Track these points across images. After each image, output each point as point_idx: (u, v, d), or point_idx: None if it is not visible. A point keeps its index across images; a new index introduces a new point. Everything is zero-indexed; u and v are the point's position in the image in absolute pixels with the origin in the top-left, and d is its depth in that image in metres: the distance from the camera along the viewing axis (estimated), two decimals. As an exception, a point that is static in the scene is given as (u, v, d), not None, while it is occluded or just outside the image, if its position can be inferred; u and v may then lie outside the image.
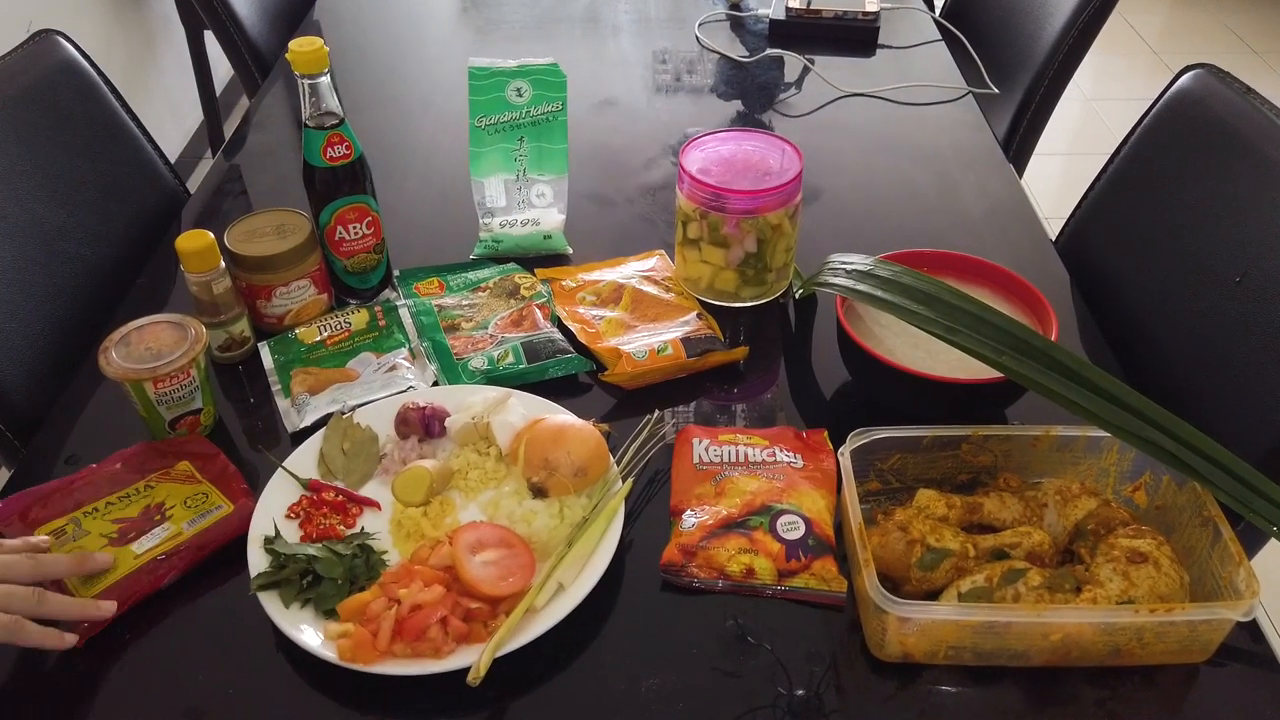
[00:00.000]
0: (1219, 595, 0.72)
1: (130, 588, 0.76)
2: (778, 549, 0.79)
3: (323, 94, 0.95)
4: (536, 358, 0.97)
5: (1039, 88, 1.54)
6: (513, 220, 1.14)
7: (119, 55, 2.50)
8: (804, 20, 1.63)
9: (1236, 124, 1.00)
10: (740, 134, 1.08)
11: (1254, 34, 3.72)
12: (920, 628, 0.70)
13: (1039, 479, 0.83)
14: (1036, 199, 2.76)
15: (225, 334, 0.97)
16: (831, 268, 0.95)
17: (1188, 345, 1.00)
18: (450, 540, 0.77)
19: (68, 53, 1.18)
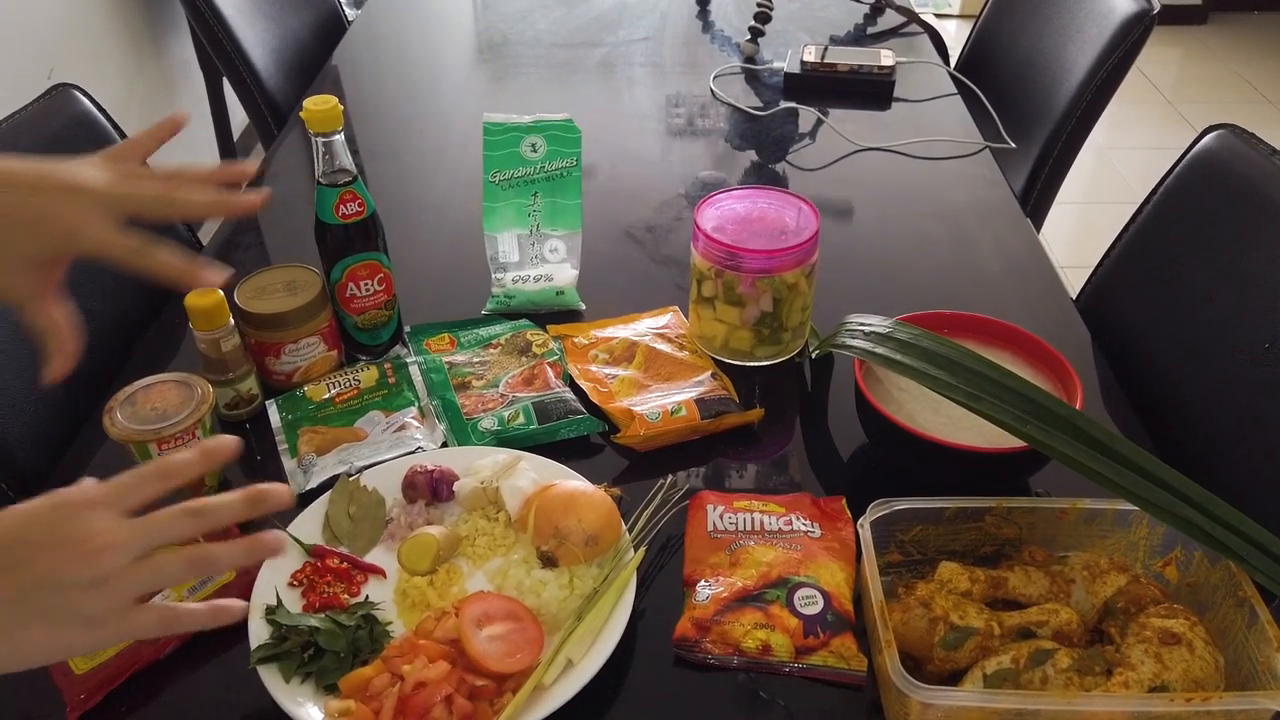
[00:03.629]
0: (1256, 680, 0.69)
1: (130, 659, 0.74)
2: (795, 624, 0.76)
3: (336, 151, 0.95)
4: (548, 418, 0.95)
5: (1056, 143, 1.54)
6: (525, 275, 1.13)
7: (139, 102, 2.53)
8: (819, 73, 1.63)
9: (1263, 186, 0.99)
10: (756, 192, 1.06)
11: (1268, 84, 3.72)
12: (945, 714, 0.67)
13: (1065, 552, 0.81)
14: (1051, 248, 2.75)
15: (233, 392, 0.96)
16: (849, 329, 0.93)
17: (1218, 411, 0.97)
18: (456, 612, 0.75)
19: (84, 106, 1.18)
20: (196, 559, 0.54)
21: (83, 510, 0.52)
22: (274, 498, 0.57)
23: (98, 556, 0.51)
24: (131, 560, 0.52)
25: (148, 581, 0.53)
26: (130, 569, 0.52)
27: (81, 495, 0.53)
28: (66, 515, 0.51)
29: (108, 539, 0.51)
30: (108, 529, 0.52)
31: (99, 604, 0.51)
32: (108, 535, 0.51)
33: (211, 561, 0.55)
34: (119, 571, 0.51)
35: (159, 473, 0.56)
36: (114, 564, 0.51)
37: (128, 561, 0.52)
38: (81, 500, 0.52)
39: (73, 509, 0.52)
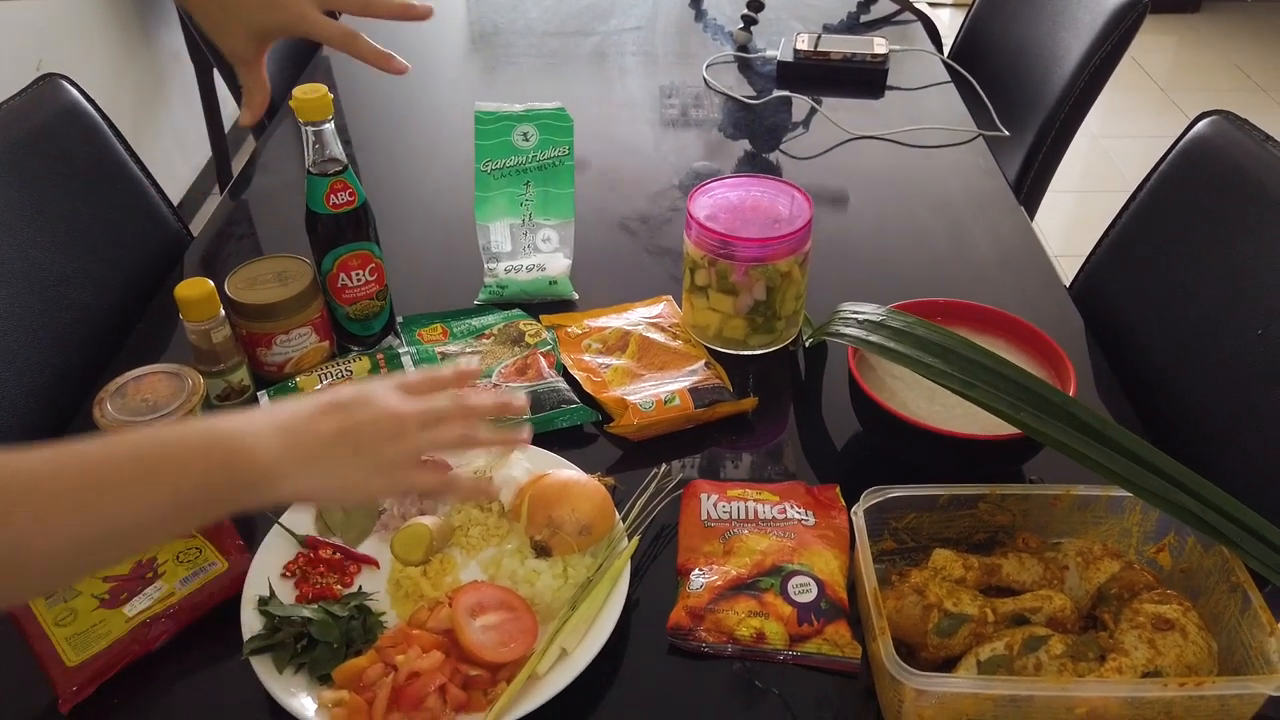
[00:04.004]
0: (1249, 665, 0.70)
1: (122, 652, 0.74)
2: (789, 612, 0.76)
3: (326, 141, 0.94)
4: (541, 408, 0.95)
5: (1050, 130, 1.53)
6: (518, 265, 1.13)
7: (128, 92, 2.52)
8: (812, 62, 1.62)
9: (1255, 172, 0.98)
10: (749, 180, 1.06)
11: (1261, 72, 3.72)
12: (939, 700, 0.67)
13: (1059, 539, 0.81)
14: (1045, 236, 2.75)
15: (224, 383, 0.95)
16: (843, 317, 0.93)
17: (1210, 397, 0.97)
18: (450, 602, 0.75)
19: (72, 96, 1.17)
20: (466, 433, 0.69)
21: (385, 390, 0.67)
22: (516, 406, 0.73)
23: (399, 418, 0.65)
24: (419, 427, 0.66)
25: (431, 441, 0.67)
26: (419, 432, 0.66)
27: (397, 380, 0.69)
28: (374, 390, 0.66)
29: (409, 406, 0.67)
30: (403, 400, 0.67)
31: (397, 454, 0.65)
32: (405, 405, 0.67)
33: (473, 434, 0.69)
34: (413, 431, 0.66)
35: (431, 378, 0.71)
36: (411, 425, 0.66)
37: (416, 427, 0.66)
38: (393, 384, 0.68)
39: (378, 387, 0.67)
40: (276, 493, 0.60)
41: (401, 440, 0.65)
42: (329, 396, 0.65)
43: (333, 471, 0.62)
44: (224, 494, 0.59)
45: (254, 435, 0.60)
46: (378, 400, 0.65)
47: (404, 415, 0.65)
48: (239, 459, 0.58)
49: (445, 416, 0.67)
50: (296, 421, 0.62)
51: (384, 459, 0.64)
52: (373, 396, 0.65)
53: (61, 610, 0.76)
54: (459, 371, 0.73)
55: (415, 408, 0.66)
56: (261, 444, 0.59)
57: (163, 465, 0.57)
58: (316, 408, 0.63)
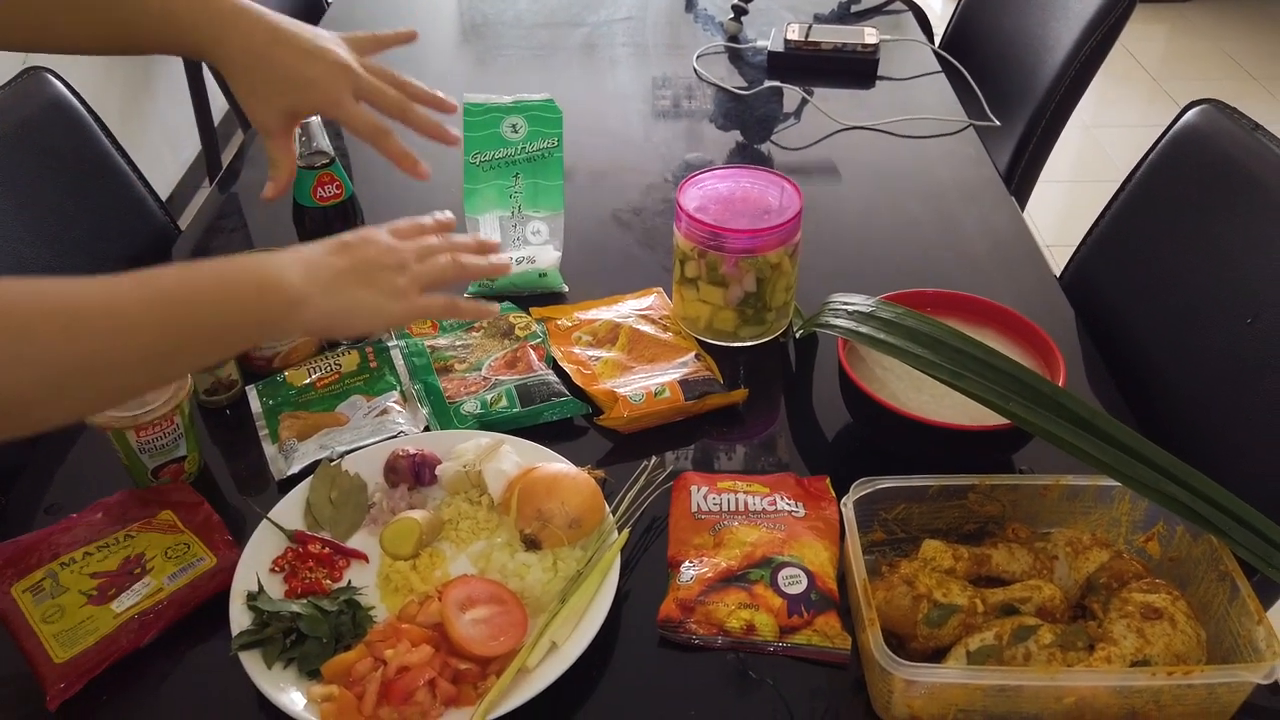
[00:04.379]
0: (1238, 654, 0.70)
1: (110, 648, 0.74)
2: (779, 604, 0.76)
3: (313, 133, 0.94)
4: (530, 401, 0.95)
5: (1041, 120, 1.53)
6: (508, 258, 1.12)
7: (117, 84, 2.50)
8: (803, 52, 1.62)
9: (1245, 161, 0.98)
10: (739, 171, 1.06)
11: (1253, 60, 3.72)
12: (928, 690, 0.67)
13: (1048, 529, 0.81)
14: (1036, 227, 2.75)
15: (212, 377, 0.95)
16: (832, 308, 0.93)
17: (1200, 387, 0.97)
18: (439, 596, 0.74)
19: (57, 90, 1.16)
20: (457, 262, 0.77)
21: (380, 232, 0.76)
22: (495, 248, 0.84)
23: (397, 251, 0.74)
24: (416, 260, 0.75)
25: (429, 272, 0.75)
26: (416, 264, 0.74)
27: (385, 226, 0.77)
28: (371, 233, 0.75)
29: (402, 244, 0.75)
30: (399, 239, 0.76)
31: (403, 282, 0.73)
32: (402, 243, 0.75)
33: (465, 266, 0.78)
34: (410, 263, 0.74)
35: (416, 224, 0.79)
36: (409, 258, 0.74)
37: (414, 259, 0.74)
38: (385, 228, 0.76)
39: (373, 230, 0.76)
40: (302, 318, 0.68)
41: (404, 270, 0.73)
42: (336, 240, 0.73)
43: (351, 298, 0.70)
44: (260, 316, 0.67)
45: (283, 267, 0.68)
46: (378, 239, 0.74)
47: (402, 249, 0.74)
48: (271, 288, 0.67)
49: (436, 250, 0.76)
50: (315, 257, 0.70)
51: (393, 286, 0.72)
52: (373, 236, 0.74)
53: (49, 607, 0.76)
54: (439, 220, 0.80)
55: (410, 244, 0.75)
56: (289, 275, 0.67)
57: (220, 292, 0.66)
58: (328, 247, 0.72)
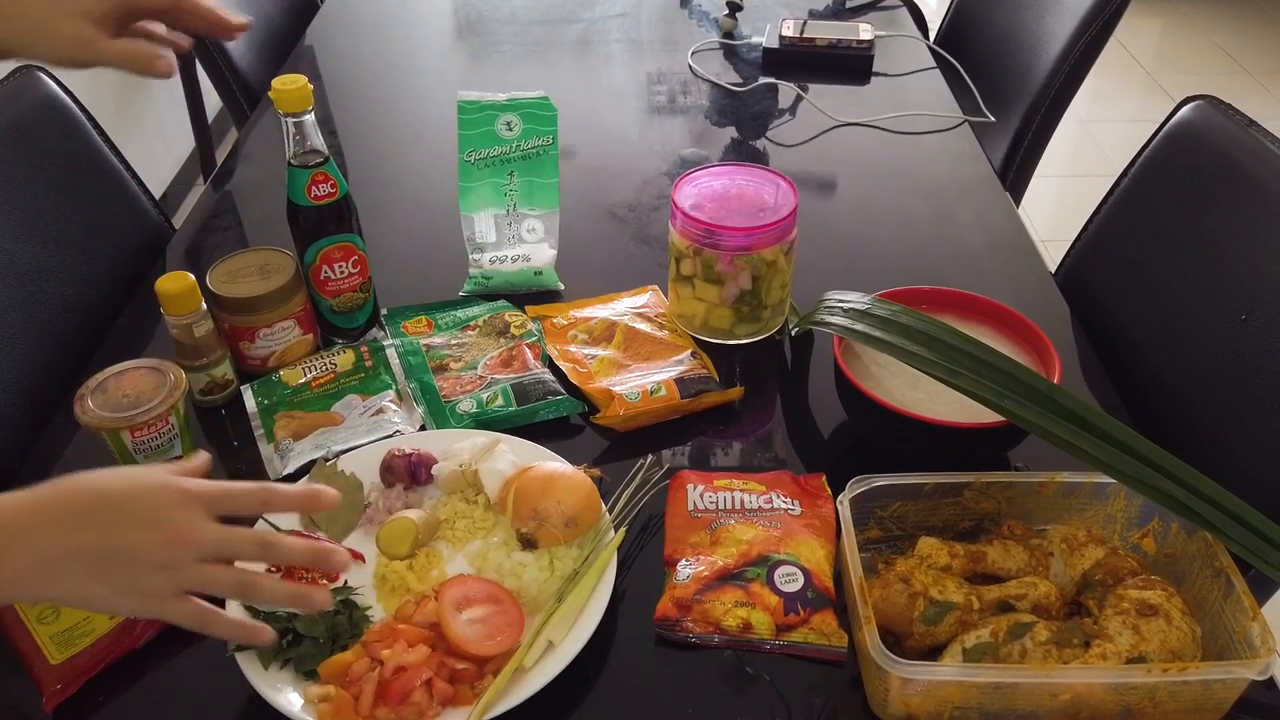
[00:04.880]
0: (1233, 650, 0.70)
1: (107, 649, 0.74)
2: (775, 602, 0.76)
3: (307, 132, 0.93)
4: (526, 400, 0.95)
5: (1035, 115, 1.53)
6: (503, 256, 1.12)
7: (109, 85, 2.49)
8: (798, 48, 1.62)
9: (1239, 157, 0.98)
10: (734, 168, 1.06)
11: (1246, 54, 3.73)
12: (924, 688, 0.67)
13: (1044, 526, 0.81)
14: (1031, 221, 2.75)
15: (207, 377, 0.95)
16: (828, 305, 0.93)
17: (1195, 384, 0.98)
18: (436, 596, 0.74)
19: (49, 89, 1.16)
20: (246, 582, 0.60)
21: (188, 503, 0.58)
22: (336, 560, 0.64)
23: (178, 546, 0.56)
24: (199, 559, 0.57)
25: (204, 582, 0.58)
26: (196, 566, 0.57)
27: (193, 488, 0.58)
28: (170, 500, 0.57)
29: (193, 535, 0.57)
30: (198, 526, 0.58)
31: (158, 584, 0.56)
32: (195, 533, 0.57)
33: (255, 586, 0.61)
34: (187, 564, 0.57)
35: (263, 498, 0.62)
36: (187, 557, 0.57)
37: (196, 559, 0.57)
38: (190, 493, 0.58)
39: (179, 497, 0.58)
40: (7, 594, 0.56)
41: (168, 573, 0.56)
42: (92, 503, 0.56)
43: (68, 588, 0.55)
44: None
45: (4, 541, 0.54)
46: (163, 520, 0.56)
47: (181, 545, 0.56)
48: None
49: (236, 545, 0.59)
50: (35, 524, 0.55)
51: (138, 586, 0.56)
52: (160, 513, 0.56)
53: (45, 608, 0.75)
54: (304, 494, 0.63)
55: (207, 536, 0.57)
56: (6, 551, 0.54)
57: None
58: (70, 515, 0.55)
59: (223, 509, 0.59)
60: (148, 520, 0.56)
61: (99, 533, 0.55)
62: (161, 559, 0.56)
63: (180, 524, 0.57)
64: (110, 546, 0.55)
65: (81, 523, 0.55)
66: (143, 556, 0.56)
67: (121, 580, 0.56)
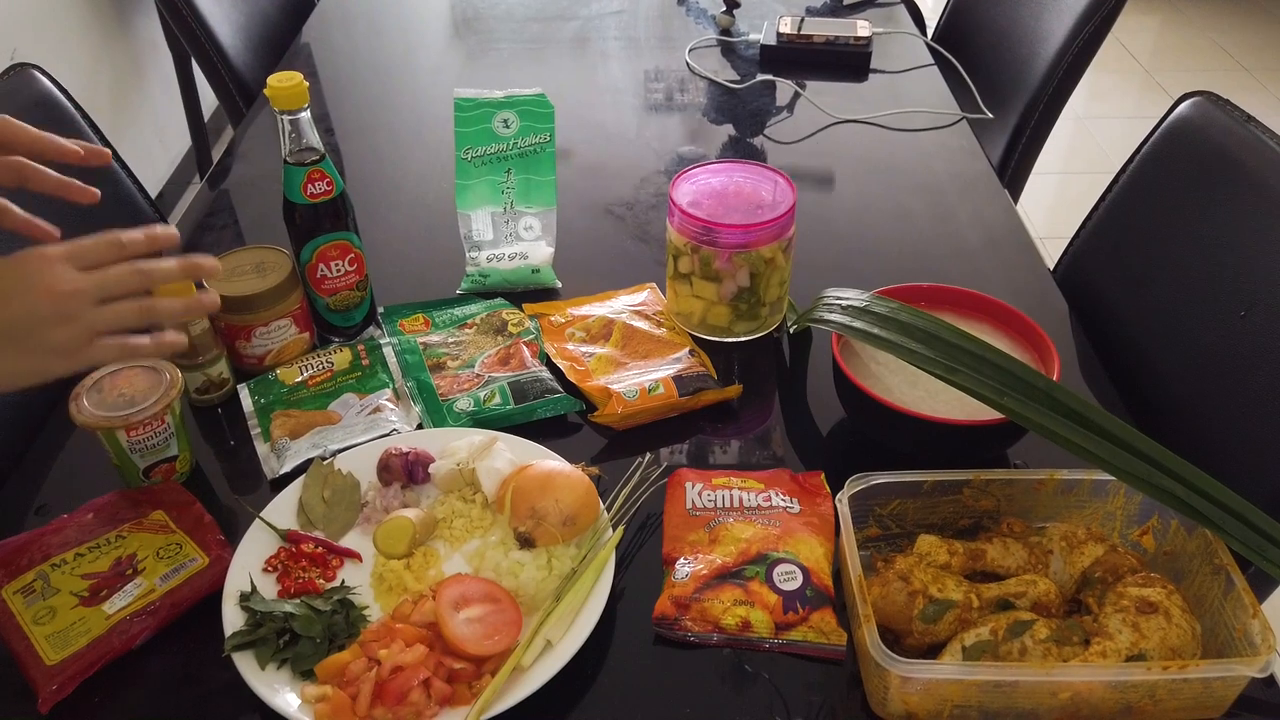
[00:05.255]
0: (1233, 648, 0.70)
1: (102, 650, 0.73)
2: (774, 600, 0.76)
3: (303, 129, 0.93)
4: (524, 398, 0.94)
5: (1034, 112, 1.53)
6: (500, 254, 1.12)
7: (105, 80, 2.48)
8: (795, 45, 1.61)
9: (1238, 153, 0.98)
10: (732, 165, 1.05)
11: (1244, 51, 3.73)
12: (924, 687, 0.67)
13: (1043, 524, 0.81)
14: (1030, 218, 2.75)
15: (203, 376, 0.94)
16: (826, 303, 0.92)
17: (1194, 380, 0.97)
18: (433, 595, 0.74)
19: (44, 87, 1.15)
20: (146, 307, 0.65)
21: (50, 263, 0.61)
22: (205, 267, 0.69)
23: (65, 299, 0.61)
24: (93, 303, 0.62)
25: (106, 320, 0.62)
26: (92, 309, 0.62)
27: (48, 251, 0.62)
28: (36, 267, 0.61)
29: (73, 285, 0.61)
30: (72, 278, 0.61)
31: (67, 336, 0.61)
32: (73, 283, 0.61)
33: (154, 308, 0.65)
34: (82, 310, 0.61)
35: (112, 241, 0.65)
36: (79, 305, 0.61)
37: (89, 304, 0.61)
38: (48, 254, 0.62)
39: (41, 262, 0.61)
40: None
41: (70, 323, 0.61)
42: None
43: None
44: None
45: None
46: (37, 282, 0.60)
47: (69, 294, 0.60)
48: None
49: (123, 283, 0.63)
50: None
51: (51, 343, 0.60)
52: (32, 278, 0.60)
53: (40, 608, 0.75)
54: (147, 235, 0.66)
55: (85, 282, 0.62)
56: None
57: None
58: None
59: (81, 260, 0.62)
60: (25, 287, 0.60)
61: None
62: (56, 313, 0.60)
63: (56, 280, 0.60)
64: (5, 319, 0.59)
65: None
66: (39, 316, 0.60)
67: (33, 345, 0.60)
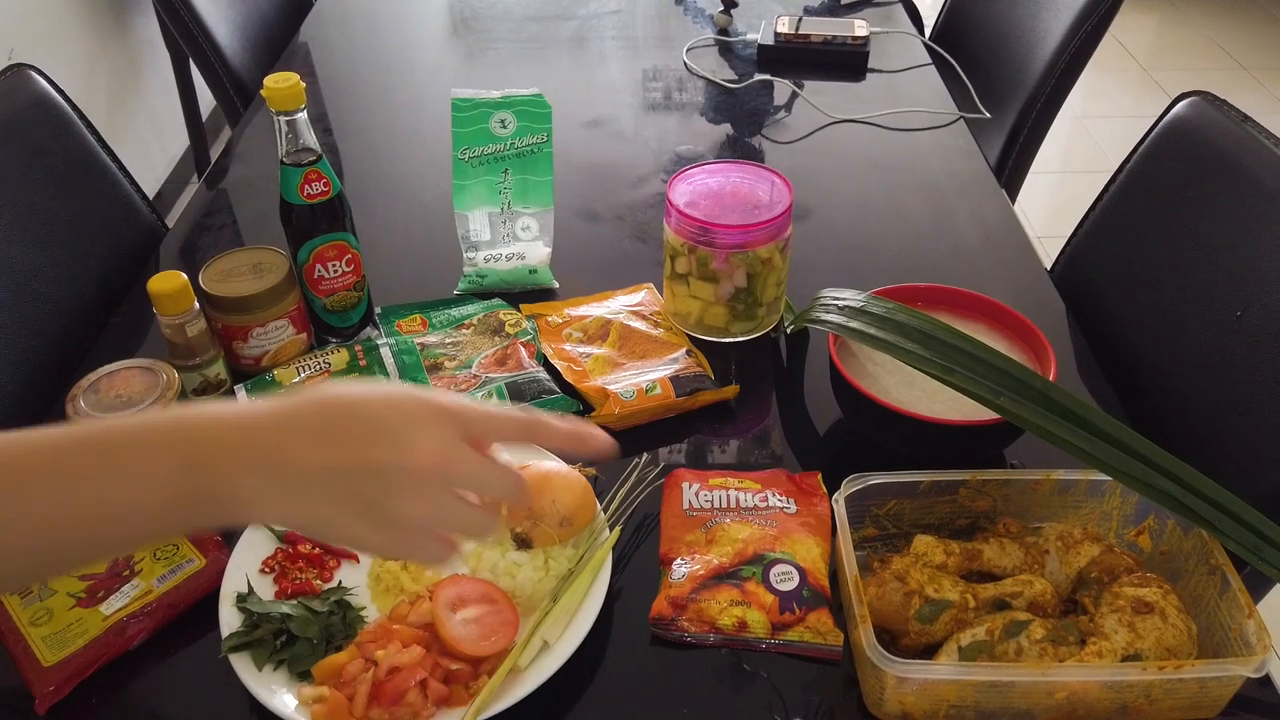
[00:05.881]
0: (1228, 647, 0.70)
1: (99, 651, 0.73)
2: (771, 601, 0.76)
3: (299, 130, 0.93)
4: (521, 399, 0.94)
5: (1031, 112, 1.53)
6: (497, 254, 1.12)
7: (103, 80, 2.48)
8: (793, 45, 1.61)
9: (1234, 153, 0.98)
10: (729, 166, 1.05)
11: (1242, 50, 3.73)
12: (920, 687, 0.67)
13: (1039, 524, 0.81)
14: (1028, 217, 2.75)
15: (200, 377, 0.94)
16: (823, 303, 0.92)
17: (1190, 380, 0.97)
18: (430, 596, 0.74)
19: (41, 87, 1.15)
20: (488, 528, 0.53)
21: (443, 421, 0.50)
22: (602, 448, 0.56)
23: (433, 473, 0.49)
24: (444, 490, 0.50)
25: (453, 520, 0.51)
26: (449, 498, 0.50)
27: (451, 404, 0.51)
28: (428, 418, 0.50)
29: (450, 461, 0.50)
30: (456, 454, 0.50)
31: (410, 513, 0.49)
32: (452, 459, 0.50)
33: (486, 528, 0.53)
34: (441, 493, 0.50)
35: (528, 431, 0.54)
36: (439, 485, 0.50)
37: (441, 491, 0.50)
38: (447, 407, 0.50)
39: (436, 415, 0.50)
40: (246, 517, 0.50)
41: (421, 502, 0.49)
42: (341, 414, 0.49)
43: (314, 513, 0.49)
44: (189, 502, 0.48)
45: (226, 441, 0.48)
46: (419, 436, 0.49)
47: (438, 470, 0.49)
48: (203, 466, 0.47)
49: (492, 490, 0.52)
50: (278, 438, 0.48)
51: (389, 513, 0.49)
52: (414, 428, 0.49)
53: (37, 609, 0.75)
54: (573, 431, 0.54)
55: (461, 467, 0.50)
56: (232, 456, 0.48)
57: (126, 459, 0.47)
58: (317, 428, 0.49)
59: (482, 432, 0.52)
60: (403, 438, 0.48)
61: (349, 449, 0.48)
62: (415, 483, 0.49)
63: (437, 445, 0.49)
64: (362, 463, 0.48)
65: (329, 436, 0.48)
66: (396, 478, 0.48)
67: (372, 504, 0.48)
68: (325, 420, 0.49)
